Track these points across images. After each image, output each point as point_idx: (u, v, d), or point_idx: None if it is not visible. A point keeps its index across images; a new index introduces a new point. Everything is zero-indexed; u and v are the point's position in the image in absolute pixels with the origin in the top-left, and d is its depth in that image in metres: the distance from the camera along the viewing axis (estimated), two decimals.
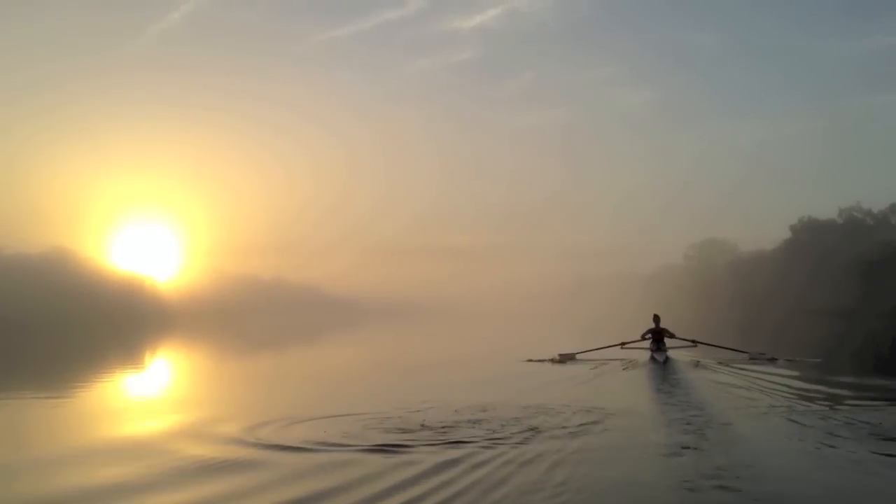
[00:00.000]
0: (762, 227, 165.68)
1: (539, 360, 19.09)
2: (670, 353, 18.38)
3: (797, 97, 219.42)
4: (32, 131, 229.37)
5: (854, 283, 60.26)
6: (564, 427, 8.34)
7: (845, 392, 11.75)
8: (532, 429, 8.20)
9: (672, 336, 19.31)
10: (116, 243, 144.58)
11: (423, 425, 8.60)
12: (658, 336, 19.04)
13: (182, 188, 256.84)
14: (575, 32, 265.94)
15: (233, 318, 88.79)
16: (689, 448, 7.17)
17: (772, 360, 17.33)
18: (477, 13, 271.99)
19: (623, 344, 19.73)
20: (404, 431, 8.27)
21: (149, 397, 14.28)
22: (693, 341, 19.38)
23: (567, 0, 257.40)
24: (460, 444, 7.49)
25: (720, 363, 16.71)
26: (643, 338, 19.47)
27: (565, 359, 19.17)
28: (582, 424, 8.48)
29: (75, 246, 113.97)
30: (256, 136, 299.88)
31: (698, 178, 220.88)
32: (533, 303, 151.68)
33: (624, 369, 16.41)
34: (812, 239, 71.60)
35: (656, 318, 19.57)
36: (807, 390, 11.72)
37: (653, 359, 18.10)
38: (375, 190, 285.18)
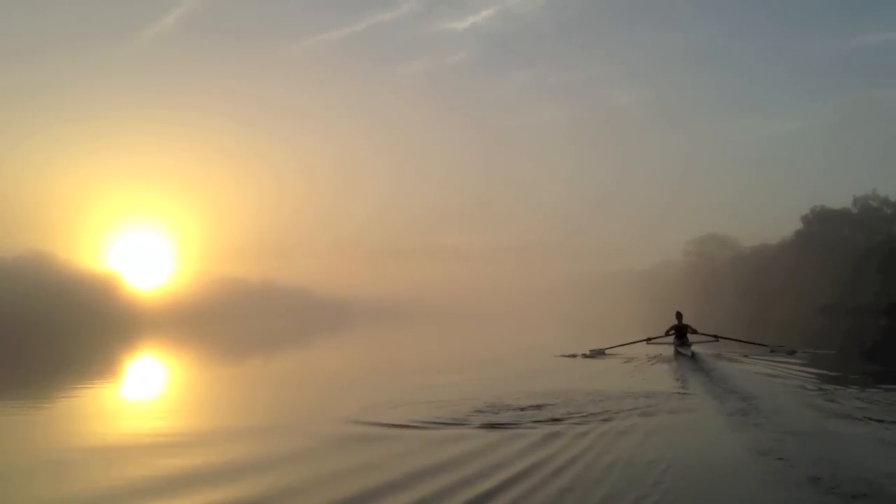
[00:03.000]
0: (763, 223, 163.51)
1: (571, 356, 19.39)
2: (694, 347, 18.79)
3: (793, 95, 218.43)
4: (20, 135, 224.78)
5: (872, 277, 56.56)
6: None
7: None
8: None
9: (695, 332, 19.91)
10: (103, 247, 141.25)
11: None
12: (681, 332, 19.70)
13: (173, 192, 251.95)
14: (567, 33, 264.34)
15: (221, 322, 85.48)
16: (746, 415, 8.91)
17: (791, 353, 18.25)
18: (470, 14, 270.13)
19: (649, 339, 20.52)
20: None
21: (113, 406, 13.35)
22: (715, 336, 20.29)
23: (559, 1, 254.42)
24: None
25: (746, 356, 17.31)
26: (667, 333, 20.10)
27: (595, 354, 19.75)
28: None
29: (55, 249, 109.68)
30: (248, 138, 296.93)
31: (694, 175, 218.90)
32: (529, 302, 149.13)
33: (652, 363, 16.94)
34: (825, 230, 68.21)
35: (679, 315, 20.14)
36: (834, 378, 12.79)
37: (678, 353, 18.54)
38: (369, 191, 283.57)
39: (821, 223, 70.24)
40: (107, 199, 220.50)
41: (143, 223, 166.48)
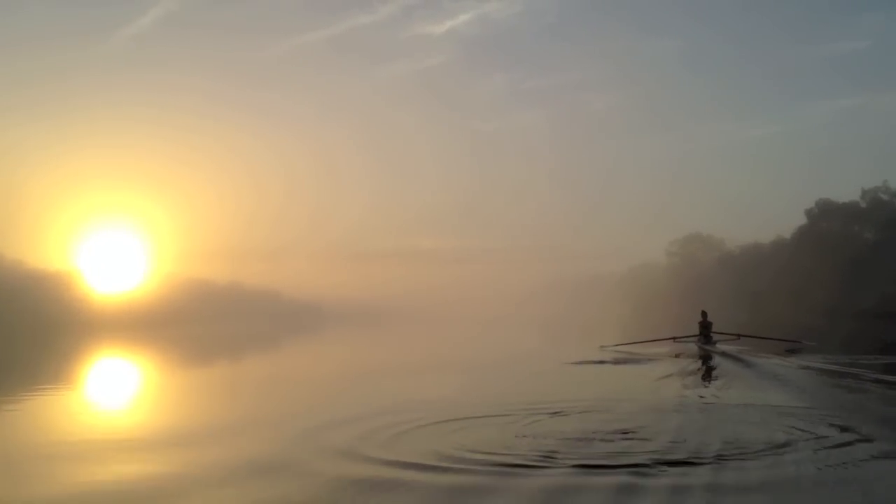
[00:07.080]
0: (748, 226, 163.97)
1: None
2: (718, 345, 19.60)
3: (777, 98, 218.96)
4: None
5: (885, 275, 52.60)
6: None
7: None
8: None
9: (718, 331, 20.97)
10: (72, 248, 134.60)
11: None
12: (706, 330, 20.74)
13: (150, 193, 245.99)
14: (545, 38, 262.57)
15: (185, 326, 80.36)
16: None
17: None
18: (447, 18, 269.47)
19: (675, 338, 21.67)
20: None
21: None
22: (737, 335, 21.23)
23: (537, 6, 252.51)
24: None
25: (769, 353, 17.56)
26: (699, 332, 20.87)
27: (611, 349, 20.76)
28: None
29: (7, 250, 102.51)
30: (227, 139, 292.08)
31: (676, 178, 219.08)
32: (508, 307, 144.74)
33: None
34: (831, 225, 64.58)
35: (703, 314, 20.97)
36: None
37: (706, 350, 19.23)
38: (348, 194, 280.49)
39: (826, 218, 66.49)
40: (79, 199, 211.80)
41: (117, 224, 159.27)
